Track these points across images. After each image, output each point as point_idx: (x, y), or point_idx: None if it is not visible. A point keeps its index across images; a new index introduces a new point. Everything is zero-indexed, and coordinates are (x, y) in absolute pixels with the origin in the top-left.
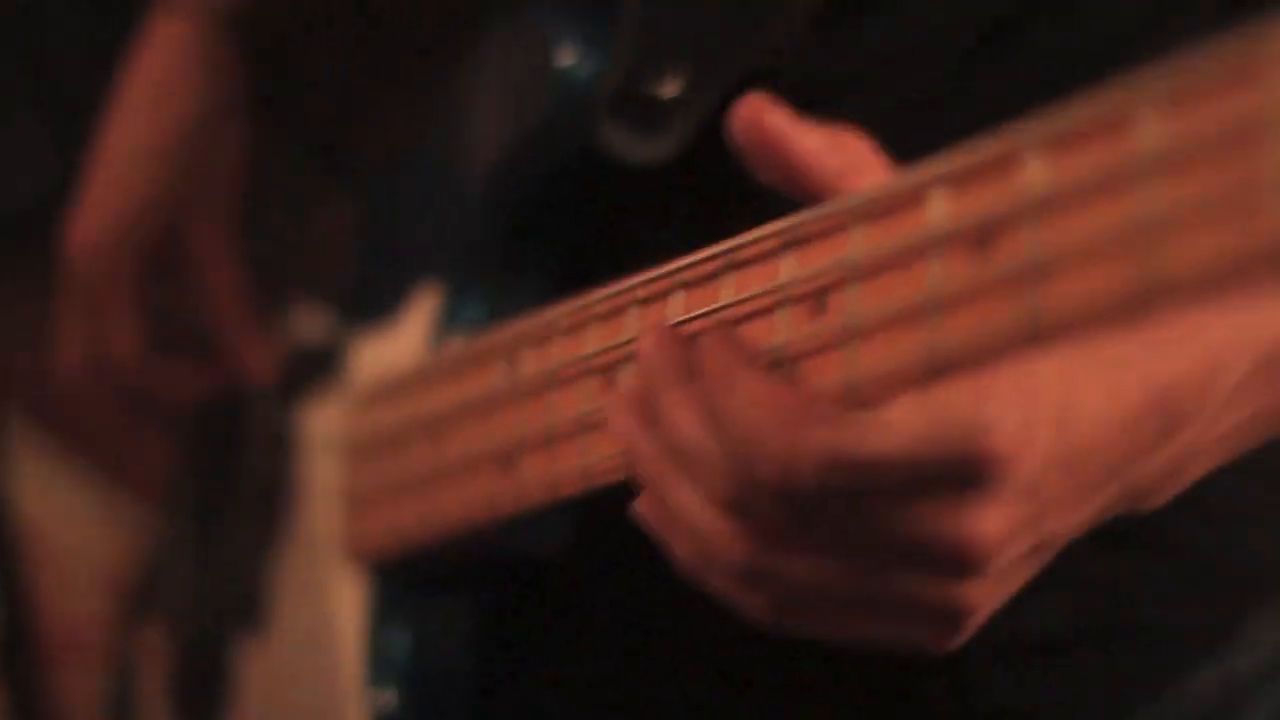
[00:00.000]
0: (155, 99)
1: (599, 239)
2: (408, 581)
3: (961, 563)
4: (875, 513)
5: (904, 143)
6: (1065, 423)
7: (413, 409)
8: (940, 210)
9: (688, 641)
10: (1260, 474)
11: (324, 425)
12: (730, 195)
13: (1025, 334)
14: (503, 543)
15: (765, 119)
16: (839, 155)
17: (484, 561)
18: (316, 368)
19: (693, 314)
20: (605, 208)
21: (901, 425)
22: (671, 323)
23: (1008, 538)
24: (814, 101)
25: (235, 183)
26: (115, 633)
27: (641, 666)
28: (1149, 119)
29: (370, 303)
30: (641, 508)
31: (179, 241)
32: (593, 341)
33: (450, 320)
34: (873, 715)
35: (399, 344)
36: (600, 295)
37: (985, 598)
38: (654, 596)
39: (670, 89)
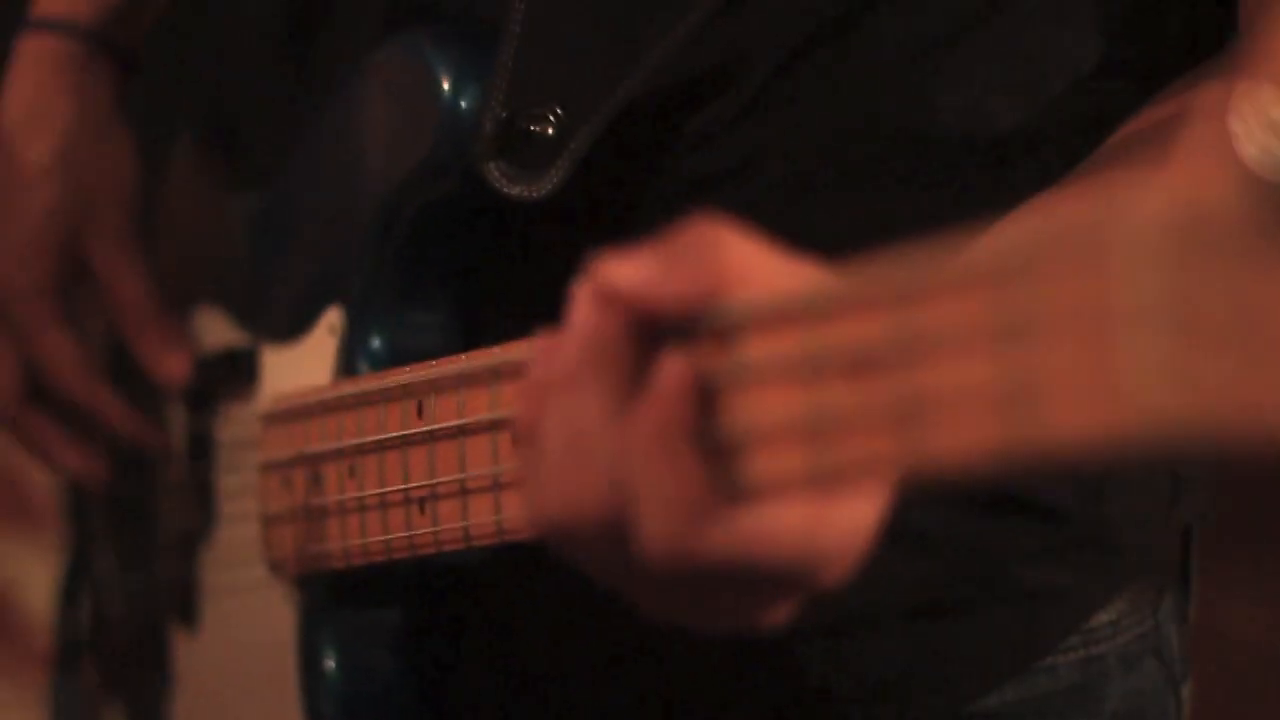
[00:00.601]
0: (34, 120)
1: (492, 273)
2: (334, 594)
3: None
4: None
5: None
6: None
7: (326, 437)
8: (818, 333)
9: (602, 640)
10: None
11: (238, 434)
12: (618, 229)
13: (906, 465)
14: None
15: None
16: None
17: (411, 570)
18: (228, 375)
19: None
20: (496, 241)
21: (789, 530)
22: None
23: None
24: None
25: (126, 194)
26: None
27: (570, 667)
28: (1010, 285)
29: (276, 316)
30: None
31: (80, 258)
32: (503, 399)
33: (353, 348)
34: (750, 686)
35: (306, 360)
36: (508, 355)
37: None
38: (579, 599)
39: (547, 126)
